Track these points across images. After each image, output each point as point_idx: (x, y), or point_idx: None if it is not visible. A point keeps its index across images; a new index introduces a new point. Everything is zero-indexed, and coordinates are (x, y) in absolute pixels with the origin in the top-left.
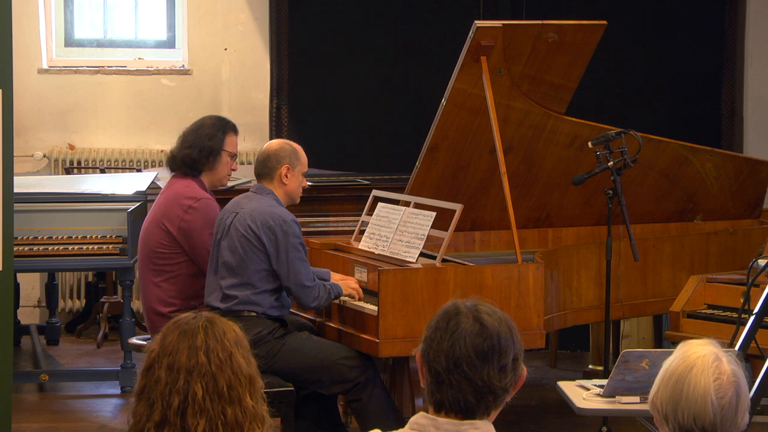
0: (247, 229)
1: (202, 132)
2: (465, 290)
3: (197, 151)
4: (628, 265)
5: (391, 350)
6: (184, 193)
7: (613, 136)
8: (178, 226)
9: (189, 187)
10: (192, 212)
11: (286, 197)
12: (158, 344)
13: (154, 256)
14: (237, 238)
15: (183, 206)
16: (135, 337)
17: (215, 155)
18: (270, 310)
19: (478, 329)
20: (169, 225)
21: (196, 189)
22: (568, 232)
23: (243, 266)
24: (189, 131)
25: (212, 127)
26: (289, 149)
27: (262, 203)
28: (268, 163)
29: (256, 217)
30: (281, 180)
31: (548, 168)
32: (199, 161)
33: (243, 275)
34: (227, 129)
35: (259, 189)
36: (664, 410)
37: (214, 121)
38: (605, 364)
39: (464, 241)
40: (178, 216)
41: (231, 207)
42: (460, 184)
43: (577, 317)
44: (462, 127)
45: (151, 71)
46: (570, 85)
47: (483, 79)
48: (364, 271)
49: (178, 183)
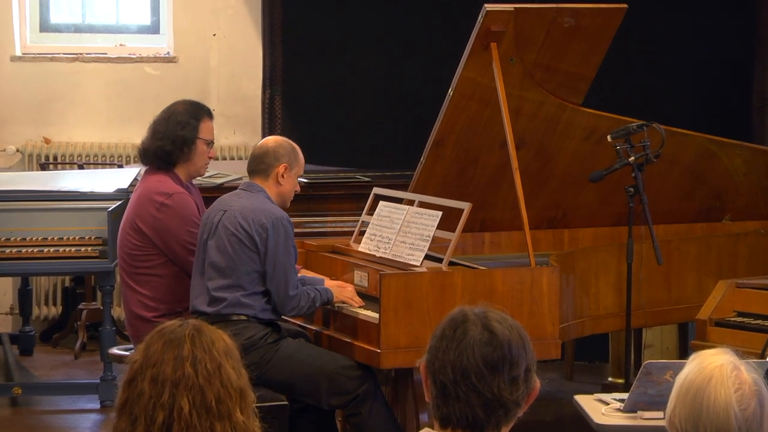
0: (237, 227)
1: (173, 120)
2: (473, 296)
3: (170, 143)
4: (651, 269)
5: (393, 361)
6: (156, 188)
7: (634, 129)
8: (152, 224)
9: (161, 182)
10: (165, 209)
11: (279, 199)
12: (141, 355)
13: (130, 258)
14: (226, 237)
15: (155, 203)
16: (116, 347)
17: (190, 145)
18: (261, 313)
19: (488, 338)
20: (142, 224)
21: (169, 184)
22: (585, 233)
23: (233, 267)
24: (159, 120)
25: (184, 114)
26: (289, 148)
27: (253, 201)
28: (266, 159)
29: (248, 215)
30: (277, 179)
31: (564, 164)
32: (173, 153)
33: (232, 276)
34: (201, 115)
35: (250, 186)
36: (684, 428)
37: (186, 107)
38: (626, 377)
39: (473, 243)
40: (150, 214)
41: (218, 205)
42: (469, 181)
43: (595, 325)
44: (470, 120)
45: (134, 59)
46: (587, 73)
47: (493, 68)
48: (364, 276)
49: (150, 178)
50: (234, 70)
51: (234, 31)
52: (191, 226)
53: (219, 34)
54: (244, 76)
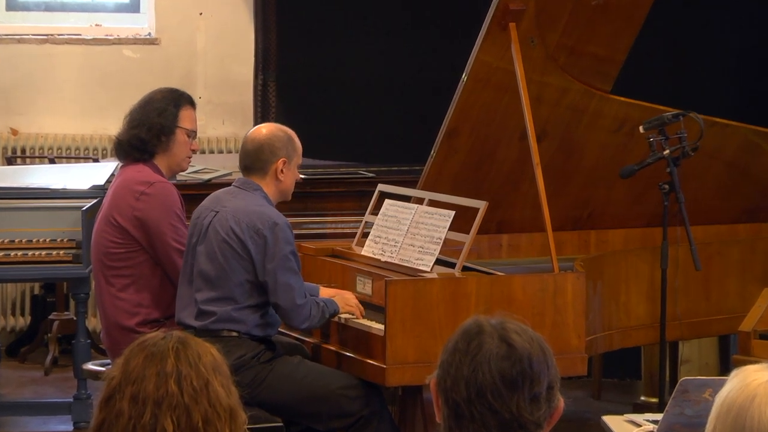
0: (229, 233)
1: (150, 108)
2: (490, 305)
3: (146, 130)
4: (688, 276)
5: (400, 378)
6: (135, 178)
7: (669, 120)
8: (132, 216)
9: (141, 172)
10: (146, 198)
11: (279, 195)
12: (120, 370)
13: (108, 258)
14: (216, 243)
15: (134, 193)
16: (91, 361)
17: (168, 134)
18: (254, 330)
19: (506, 351)
20: (121, 218)
21: (149, 173)
22: (614, 235)
23: (223, 277)
24: (135, 108)
25: (162, 101)
26: (285, 137)
27: (248, 201)
28: (262, 155)
29: (240, 219)
30: (276, 176)
31: (591, 158)
32: (150, 142)
33: (223, 288)
34: (181, 102)
35: (246, 184)
36: None
37: (164, 93)
38: (660, 395)
39: (489, 246)
40: (130, 205)
41: (209, 204)
42: (485, 177)
43: (625, 338)
44: (486, 109)
45: (111, 40)
46: (617, 57)
47: (512, 51)
48: (367, 282)
49: (128, 170)
50: (223, 53)
51: (223, 9)
52: (174, 219)
53: (206, 13)
54: (234, 59)
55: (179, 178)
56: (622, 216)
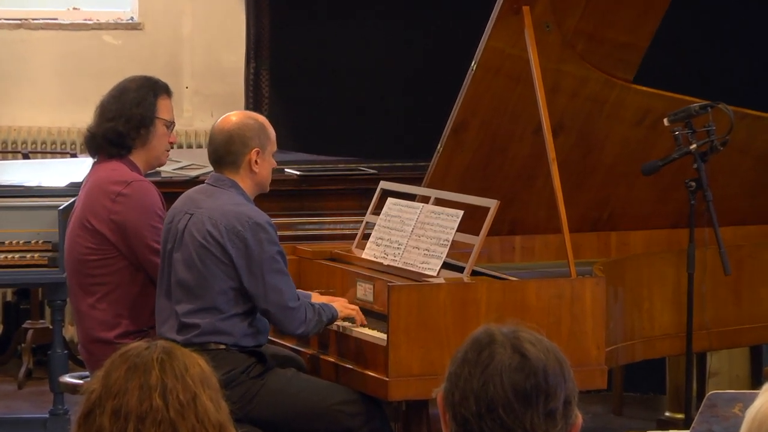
0: (206, 237)
1: (126, 98)
2: (501, 313)
3: (123, 123)
4: (717, 281)
5: (404, 392)
6: (110, 177)
7: (696, 111)
8: (108, 219)
9: (116, 170)
10: (123, 200)
11: (256, 188)
12: (100, 383)
13: (83, 266)
14: (194, 249)
15: (110, 194)
16: (68, 374)
17: (148, 125)
18: (243, 340)
19: (519, 362)
20: (96, 221)
21: (125, 171)
22: (636, 237)
23: (204, 286)
24: (109, 99)
25: (139, 90)
26: (255, 125)
27: (224, 200)
28: (232, 147)
29: (218, 220)
30: (250, 168)
31: (611, 153)
32: (128, 136)
33: (204, 297)
34: (159, 91)
35: (218, 181)
36: None
37: (139, 82)
38: (686, 411)
39: (501, 249)
40: (106, 207)
41: (182, 206)
42: (496, 174)
43: (649, 349)
44: (497, 100)
45: (90, 25)
46: (640, 44)
47: (525, 37)
48: (369, 288)
49: (101, 167)
50: (211, 40)
51: None
52: (155, 220)
53: None
54: (224, 46)
55: (164, 175)
56: (644, 216)
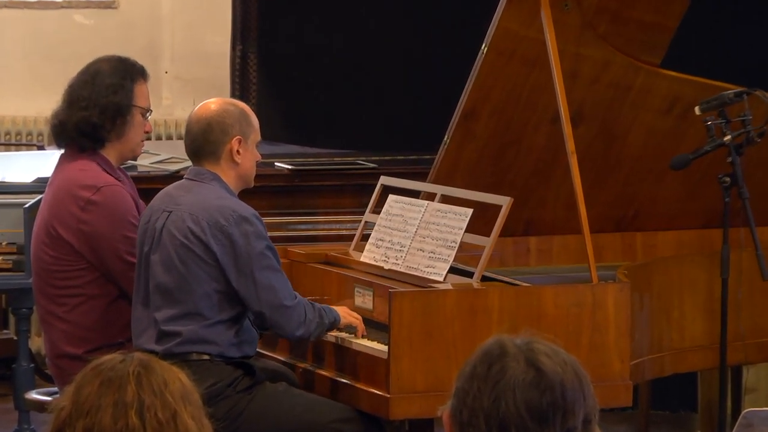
0: (187, 235)
1: (101, 83)
2: (514, 322)
3: (98, 113)
4: (753, 287)
5: (407, 409)
6: (78, 180)
7: (730, 99)
8: (77, 229)
9: (84, 170)
10: (93, 209)
11: (240, 181)
12: (70, 400)
13: (49, 276)
14: (173, 249)
15: (78, 201)
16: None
17: (125, 115)
18: (229, 350)
19: (533, 377)
20: (63, 230)
21: (96, 172)
22: (665, 238)
23: (185, 289)
24: (80, 83)
25: (114, 75)
26: (236, 112)
27: (205, 195)
28: (211, 136)
29: (199, 216)
30: (232, 159)
31: (636, 145)
32: (103, 127)
33: (186, 302)
34: (135, 75)
35: (198, 174)
36: None
37: (113, 64)
38: (720, 430)
39: (514, 251)
40: (74, 215)
41: (160, 203)
42: (508, 169)
43: (678, 362)
44: (511, 86)
45: (60, 3)
46: (668, 24)
47: (541, 16)
48: (368, 294)
49: (69, 167)
50: (194, 20)
51: None
52: (128, 230)
53: None
54: (208, 27)
55: (141, 170)
56: (673, 215)
